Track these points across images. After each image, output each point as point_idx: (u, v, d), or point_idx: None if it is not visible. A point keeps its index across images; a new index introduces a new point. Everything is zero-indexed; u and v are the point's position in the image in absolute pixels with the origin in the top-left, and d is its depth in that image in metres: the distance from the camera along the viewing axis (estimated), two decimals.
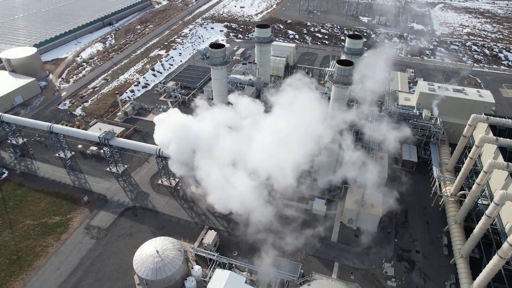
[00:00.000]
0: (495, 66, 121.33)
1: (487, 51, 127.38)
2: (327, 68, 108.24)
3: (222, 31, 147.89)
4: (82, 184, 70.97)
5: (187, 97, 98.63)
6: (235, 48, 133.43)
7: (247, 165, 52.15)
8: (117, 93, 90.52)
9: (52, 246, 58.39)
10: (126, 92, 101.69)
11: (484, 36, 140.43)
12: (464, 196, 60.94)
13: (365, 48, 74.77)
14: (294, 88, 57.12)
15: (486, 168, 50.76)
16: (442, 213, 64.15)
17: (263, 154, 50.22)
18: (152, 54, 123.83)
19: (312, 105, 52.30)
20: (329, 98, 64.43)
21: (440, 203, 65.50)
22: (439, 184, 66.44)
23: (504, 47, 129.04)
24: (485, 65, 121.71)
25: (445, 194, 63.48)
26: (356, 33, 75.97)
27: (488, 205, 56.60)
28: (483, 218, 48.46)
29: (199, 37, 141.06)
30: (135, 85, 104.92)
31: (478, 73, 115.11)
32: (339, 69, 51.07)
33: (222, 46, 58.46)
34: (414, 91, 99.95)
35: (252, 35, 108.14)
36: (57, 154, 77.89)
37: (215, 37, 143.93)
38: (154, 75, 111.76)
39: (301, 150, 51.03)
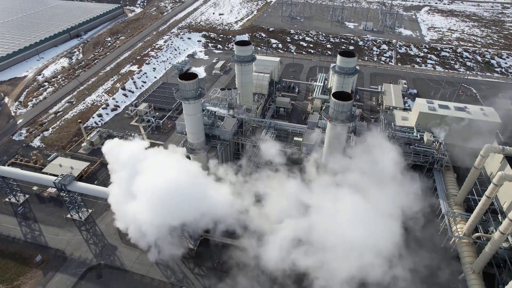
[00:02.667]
0: (488, 74, 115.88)
1: (479, 58, 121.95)
2: (315, 83, 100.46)
3: (200, 41, 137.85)
4: (36, 238, 59.95)
5: (161, 121, 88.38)
6: (214, 61, 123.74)
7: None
8: (80, 122, 79.46)
9: None
10: (93, 117, 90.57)
11: (474, 41, 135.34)
12: (479, 238, 53.48)
13: (358, 67, 66.72)
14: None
15: None
16: (454, 255, 56.54)
17: None
18: (123, 71, 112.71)
19: None
20: (323, 129, 55.90)
21: (451, 242, 57.65)
22: (449, 221, 58.70)
23: (496, 53, 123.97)
24: (478, 73, 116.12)
25: (457, 234, 55.71)
26: (349, 49, 67.27)
27: (510, 249, 49.84)
28: None
29: (175, 49, 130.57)
30: (103, 108, 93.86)
31: (472, 82, 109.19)
32: (335, 104, 42.49)
33: (194, 76, 48.94)
34: (409, 105, 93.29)
35: (233, 46, 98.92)
36: (6, 199, 66.48)
37: (192, 48, 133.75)
38: (125, 95, 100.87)
39: None
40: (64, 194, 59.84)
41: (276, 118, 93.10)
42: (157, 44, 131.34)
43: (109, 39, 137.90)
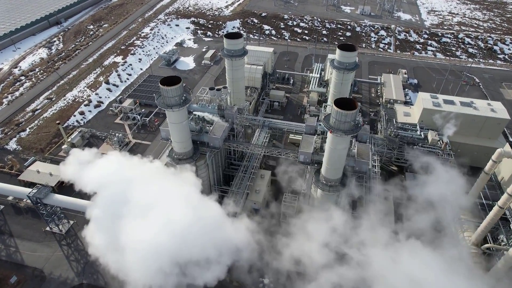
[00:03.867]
0: (491, 61, 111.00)
1: (481, 44, 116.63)
2: (311, 74, 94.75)
3: (189, 28, 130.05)
4: (11, 256, 55.22)
5: (147, 119, 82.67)
6: (204, 49, 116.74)
7: None
8: (58, 123, 73.45)
9: None
10: (75, 115, 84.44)
11: (476, 26, 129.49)
12: (489, 249, 50.07)
13: (358, 62, 61.29)
14: None
15: None
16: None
17: None
18: (106, 62, 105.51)
19: None
20: (321, 133, 50.97)
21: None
22: (455, 229, 55.07)
23: (499, 38, 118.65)
24: (481, 60, 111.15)
25: (466, 243, 52.19)
26: (348, 43, 61.77)
27: None
28: None
29: (162, 37, 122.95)
30: (85, 105, 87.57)
31: (474, 70, 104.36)
32: (338, 113, 37.53)
33: (177, 80, 43.30)
34: (410, 97, 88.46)
35: (223, 33, 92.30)
36: None
37: (180, 36, 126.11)
38: (109, 89, 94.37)
39: None
40: (41, 208, 54.81)
41: (270, 113, 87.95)
42: (142, 32, 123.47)
43: (92, 27, 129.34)
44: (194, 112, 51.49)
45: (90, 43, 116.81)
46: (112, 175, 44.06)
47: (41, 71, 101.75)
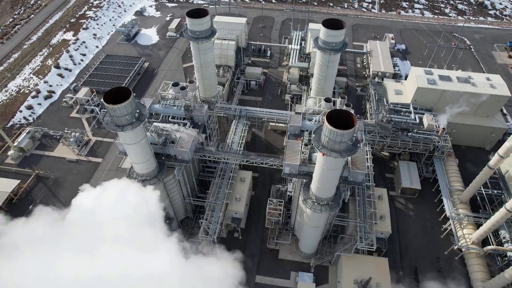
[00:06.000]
0: (481, 18, 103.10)
1: None
2: (290, 46, 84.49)
3: None
4: None
5: None
6: (168, 18, 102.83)
7: None
8: None
9: None
10: (21, 111, 72.85)
11: None
12: (493, 251, 46.51)
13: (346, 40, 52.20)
14: None
15: None
16: (461, 264, 50.15)
17: None
18: (54, 41, 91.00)
19: None
20: (308, 142, 43.40)
21: (456, 247, 50.59)
22: (455, 227, 51.01)
23: None
24: (471, 18, 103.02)
25: (465, 245, 48.34)
26: (334, 18, 52.26)
27: None
28: None
29: (119, 5, 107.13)
30: (33, 97, 75.55)
31: (465, 31, 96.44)
32: (332, 133, 29.95)
33: (127, 94, 33.78)
34: (399, 68, 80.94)
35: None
36: None
37: (140, 2, 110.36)
38: (60, 75, 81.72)
39: None
40: None
41: (247, 93, 78.89)
42: (95, 0, 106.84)
43: None
44: (154, 124, 42.19)
45: (32, 15, 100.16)
46: None
47: None
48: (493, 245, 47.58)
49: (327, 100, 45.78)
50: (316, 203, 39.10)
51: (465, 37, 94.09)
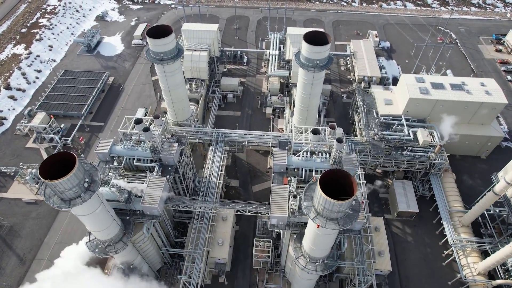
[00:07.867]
0: (465, 9, 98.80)
1: None
2: (268, 51, 77.65)
3: None
4: None
5: (69, 139, 64.23)
6: (133, 23, 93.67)
7: None
8: None
9: None
10: None
11: None
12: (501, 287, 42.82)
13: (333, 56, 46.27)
14: None
15: None
16: None
17: None
18: (3, 56, 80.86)
19: None
20: (294, 178, 37.50)
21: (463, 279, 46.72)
22: (458, 255, 47.05)
23: None
24: (454, 8, 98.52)
25: (471, 278, 44.48)
26: (319, 30, 45.98)
27: None
28: None
29: (77, 10, 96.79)
30: None
31: (449, 23, 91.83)
32: (328, 203, 24.33)
33: (71, 161, 26.88)
34: (386, 71, 75.79)
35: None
36: None
37: (101, 5, 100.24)
38: (12, 97, 72.50)
39: None
40: None
41: (224, 108, 72.32)
42: (48, 5, 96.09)
43: None
44: (112, 182, 35.26)
45: None
46: None
47: None
48: (500, 275, 44.05)
49: (315, 132, 39.86)
50: (309, 262, 33.71)
51: (450, 30, 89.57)
